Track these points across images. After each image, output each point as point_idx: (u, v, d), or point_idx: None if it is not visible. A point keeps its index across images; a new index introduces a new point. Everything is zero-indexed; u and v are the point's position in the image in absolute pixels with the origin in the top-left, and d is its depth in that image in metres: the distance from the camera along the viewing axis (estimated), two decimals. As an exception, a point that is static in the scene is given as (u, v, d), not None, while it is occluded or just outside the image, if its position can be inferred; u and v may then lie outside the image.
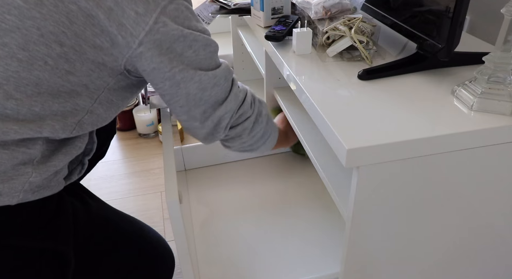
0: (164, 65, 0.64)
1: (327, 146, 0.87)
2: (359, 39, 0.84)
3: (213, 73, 0.70)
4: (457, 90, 0.71)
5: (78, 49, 0.60)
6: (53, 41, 0.58)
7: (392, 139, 0.60)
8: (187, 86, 0.68)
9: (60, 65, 0.60)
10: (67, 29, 0.58)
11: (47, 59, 0.59)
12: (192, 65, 0.67)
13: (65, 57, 0.59)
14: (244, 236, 1.01)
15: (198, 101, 0.71)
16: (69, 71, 0.61)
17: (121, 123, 1.84)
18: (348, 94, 0.73)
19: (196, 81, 0.69)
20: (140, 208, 1.42)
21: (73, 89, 0.63)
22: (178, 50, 0.65)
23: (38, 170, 0.63)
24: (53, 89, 0.61)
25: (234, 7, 1.21)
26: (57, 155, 0.66)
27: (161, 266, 0.89)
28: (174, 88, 0.68)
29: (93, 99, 0.66)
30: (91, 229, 0.79)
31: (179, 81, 0.67)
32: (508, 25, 0.62)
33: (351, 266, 0.75)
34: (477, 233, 0.76)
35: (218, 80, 0.71)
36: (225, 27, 2.07)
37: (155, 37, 0.61)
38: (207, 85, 0.70)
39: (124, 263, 0.83)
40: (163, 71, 0.65)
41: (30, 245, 0.66)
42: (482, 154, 0.65)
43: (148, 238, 0.90)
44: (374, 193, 0.65)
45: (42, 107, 0.61)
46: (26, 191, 0.63)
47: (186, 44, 0.65)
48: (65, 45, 0.59)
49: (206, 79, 0.69)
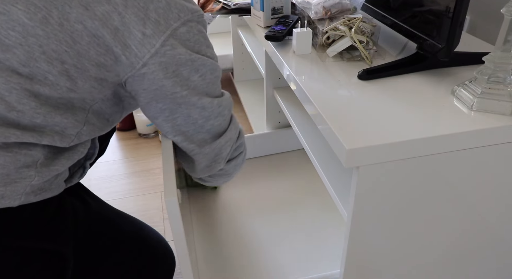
0: (166, 89, 0.63)
1: (327, 146, 0.87)
2: (359, 39, 0.84)
3: (218, 101, 0.69)
4: (457, 90, 0.71)
5: (80, 67, 0.59)
6: (54, 59, 0.57)
7: (392, 139, 0.60)
8: (189, 109, 0.67)
9: (61, 82, 0.59)
10: (69, 48, 0.57)
11: (47, 75, 0.58)
12: (197, 90, 0.66)
13: (66, 75, 0.59)
14: (244, 236, 1.01)
15: (199, 128, 0.70)
16: (70, 88, 0.60)
17: (121, 123, 1.84)
18: (348, 94, 0.73)
19: (199, 107, 0.67)
20: (140, 208, 1.42)
21: (70, 100, 0.62)
22: (184, 74, 0.63)
23: (41, 173, 0.63)
24: (52, 100, 0.60)
25: (234, 7, 1.21)
26: (60, 159, 0.66)
27: (161, 266, 0.89)
28: (175, 106, 0.66)
29: (86, 110, 0.65)
30: (91, 229, 0.79)
31: (181, 103, 0.66)
32: (508, 25, 0.62)
33: (351, 266, 0.75)
34: (477, 233, 0.76)
35: (223, 110, 0.71)
36: (225, 27, 2.07)
37: (161, 59, 0.60)
38: (211, 114, 0.69)
39: (124, 263, 0.83)
40: (164, 94, 0.64)
41: (29, 245, 0.66)
42: (482, 154, 0.65)
43: (148, 238, 0.90)
44: (374, 193, 0.65)
45: (44, 119, 0.60)
46: (28, 194, 0.63)
47: (194, 68, 0.64)
48: (67, 63, 0.58)
49: (210, 106, 0.68)
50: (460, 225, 0.74)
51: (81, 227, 0.76)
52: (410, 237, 0.73)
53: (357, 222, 0.68)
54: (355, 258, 0.73)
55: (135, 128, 1.84)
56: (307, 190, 1.16)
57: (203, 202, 1.14)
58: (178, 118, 0.68)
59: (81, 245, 0.75)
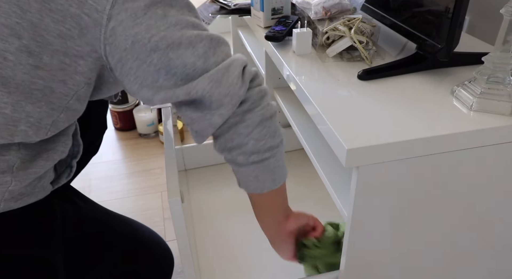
0: (142, 36, 0.54)
1: (327, 146, 0.87)
2: (358, 40, 0.84)
3: (208, 34, 0.58)
4: (457, 90, 0.71)
5: (40, 40, 0.52)
6: (8, 35, 0.51)
7: (392, 139, 0.60)
8: (179, 54, 0.56)
9: (23, 59, 0.52)
10: (20, 19, 0.50)
11: (6, 54, 0.51)
12: (179, 25, 0.56)
13: (26, 51, 0.52)
14: (244, 236, 1.01)
15: (200, 71, 0.58)
16: (35, 65, 0.53)
17: (121, 123, 1.85)
18: (348, 94, 0.73)
19: (188, 45, 0.56)
20: (140, 208, 1.42)
21: (47, 85, 0.55)
22: (159, 12, 0.54)
23: (18, 177, 0.60)
24: (23, 87, 0.54)
25: (234, 7, 1.21)
26: (38, 161, 0.62)
27: (158, 266, 0.88)
28: (165, 59, 0.56)
29: (69, 96, 0.58)
30: (82, 232, 0.77)
31: (167, 50, 0.55)
32: (507, 26, 0.62)
33: (351, 266, 0.75)
34: (477, 233, 0.77)
35: (217, 42, 0.59)
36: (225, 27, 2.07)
37: (124, 6, 0.52)
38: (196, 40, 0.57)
39: (119, 265, 0.82)
40: (143, 43, 0.54)
41: (15, 253, 0.64)
42: (482, 154, 0.65)
43: (144, 238, 0.88)
44: (374, 193, 0.65)
45: (13, 108, 0.54)
46: (7, 200, 0.60)
47: (166, 3, 0.55)
48: (24, 38, 0.51)
49: (198, 39, 0.57)
50: (459, 225, 0.74)
51: (71, 231, 0.74)
52: (409, 237, 0.73)
53: (357, 222, 0.68)
54: (355, 258, 0.74)
55: (135, 128, 1.84)
56: (307, 190, 1.16)
57: (204, 202, 1.15)
58: (177, 68, 0.57)
59: (71, 249, 0.73)
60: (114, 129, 1.89)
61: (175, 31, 0.55)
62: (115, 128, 1.88)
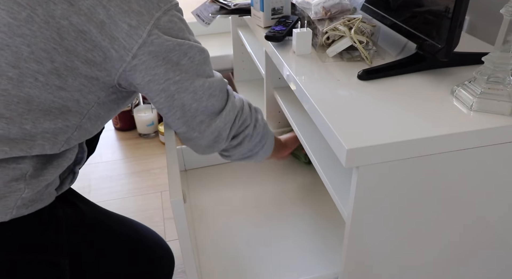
0: (159, 77, 0.64)
1: (327, 146, 0.87)
2: (359, 39, 0.84)
3: (209, 82, 0.70)
4: (457, 90, 0.71)
5: (70, 64, 0.58)
6: (44, 58, 0.57)
7: (392, 139, 0.60)
8: (182, 97, 0.68)
9: (51, 81, 0.58)
10: (58, 46, 0.57)
11: (37, 75, 0.57)
12: (188, 73, 0.67)
13: (56, 73, 0.58)
14: (245, 236, 1.01)
15: (194, 112, 0.71)
16: (60, 86, 0.59)
17: (121, 123, 1.85)
18: (348, 94, 0.73)
19: (191, 92, 0.68)
20: (140, 208, 1.42)
21: (64, 104, 0.61)
22: (174, 59, 0.64)
23: (31, 185, 0.62)
24: (44, 105, 0.59)
25: (234, 7, 1.21)
26: (49, 169, 0.65)
27: (159, 266, 0.89)
28: (170, 100, 0.68)
29: (82, 115, 0.65)
30: (85, 235, 0.78)
31: (174, 93, 0.67)
32: (507, 26, 0.62)
33: (351, 266, 0.75)
34: (477, 233, 0.77)
35: (214, 91, 0.71)
36: (225, 27, 2.07)
37: (149, 49, 0.61)
38: (203, 96, 0.70)
39: (121, 266, 0.83)
40: (158, 83, 0.64)
41: (23, 258, 0.65)
42: (482, 154, 0.65)
43: (145, 239, 0.89)
44: (374, 193, 0.65)
45: (33, 125, 0.59)
46: (19, 207, 0.62)
47: (182, 52, 0.65)
48: (56, 61, 0.57)
49: (201, 90, 0.69)
50: (459, 225, 0.74)
51: (74, 234, 0.75)
52: (410, 237, 0.73)
53: (357, 222, 0.68)
54: (355, 258, 0.74)
55: (135, 128, 1.84)
56: (307, 190, 1.16)
57: (204, 202, 1.15)
58: (176, 112, 0.70)
59: (76, 252, 0.74)
60: (114, 129, 1.89)
61: (185, 79, 0.67)
62: (115, 128, 1.88)
